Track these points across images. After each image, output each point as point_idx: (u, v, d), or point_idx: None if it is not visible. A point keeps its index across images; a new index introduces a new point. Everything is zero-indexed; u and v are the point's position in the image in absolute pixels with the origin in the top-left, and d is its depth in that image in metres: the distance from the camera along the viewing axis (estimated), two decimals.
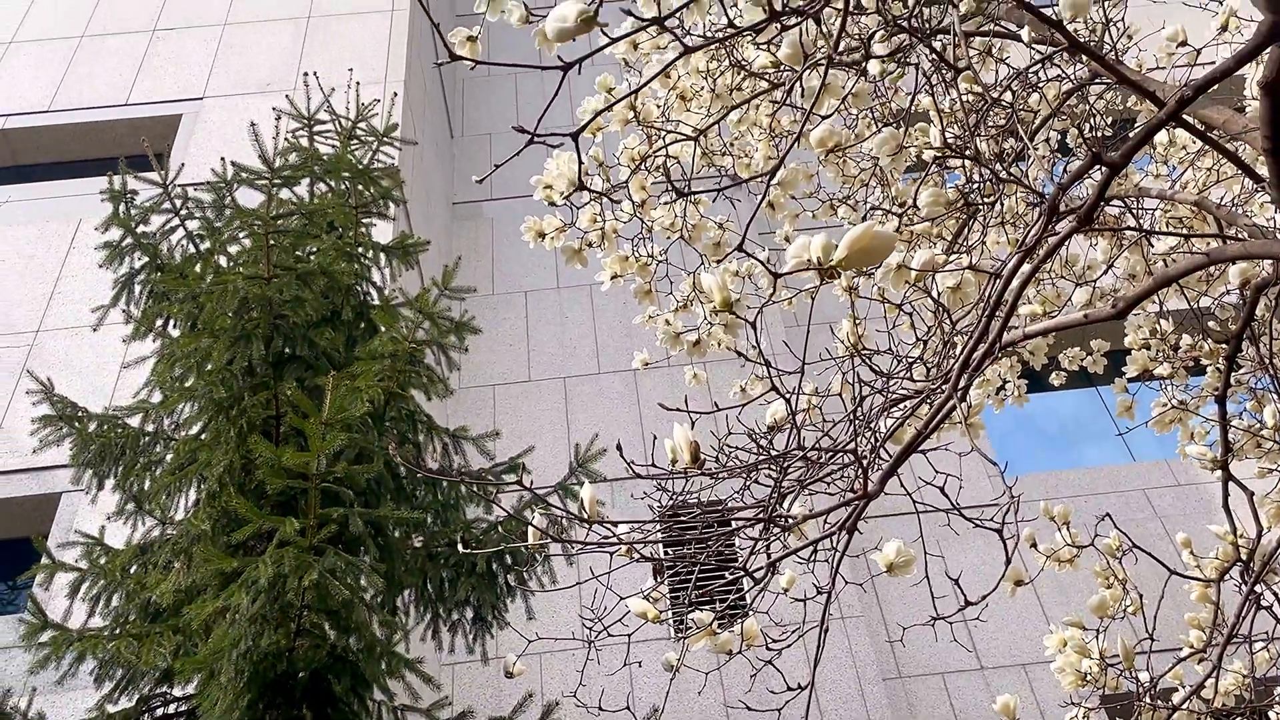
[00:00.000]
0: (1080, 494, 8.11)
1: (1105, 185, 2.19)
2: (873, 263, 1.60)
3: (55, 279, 7.22)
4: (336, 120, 5.50)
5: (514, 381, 8.94)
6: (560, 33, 1.34)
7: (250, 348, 3.86)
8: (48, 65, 9.21)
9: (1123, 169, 2.21)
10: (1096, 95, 4.95)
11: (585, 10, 1.30)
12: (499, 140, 11.04)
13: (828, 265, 1.79)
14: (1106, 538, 3.78)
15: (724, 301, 1.70)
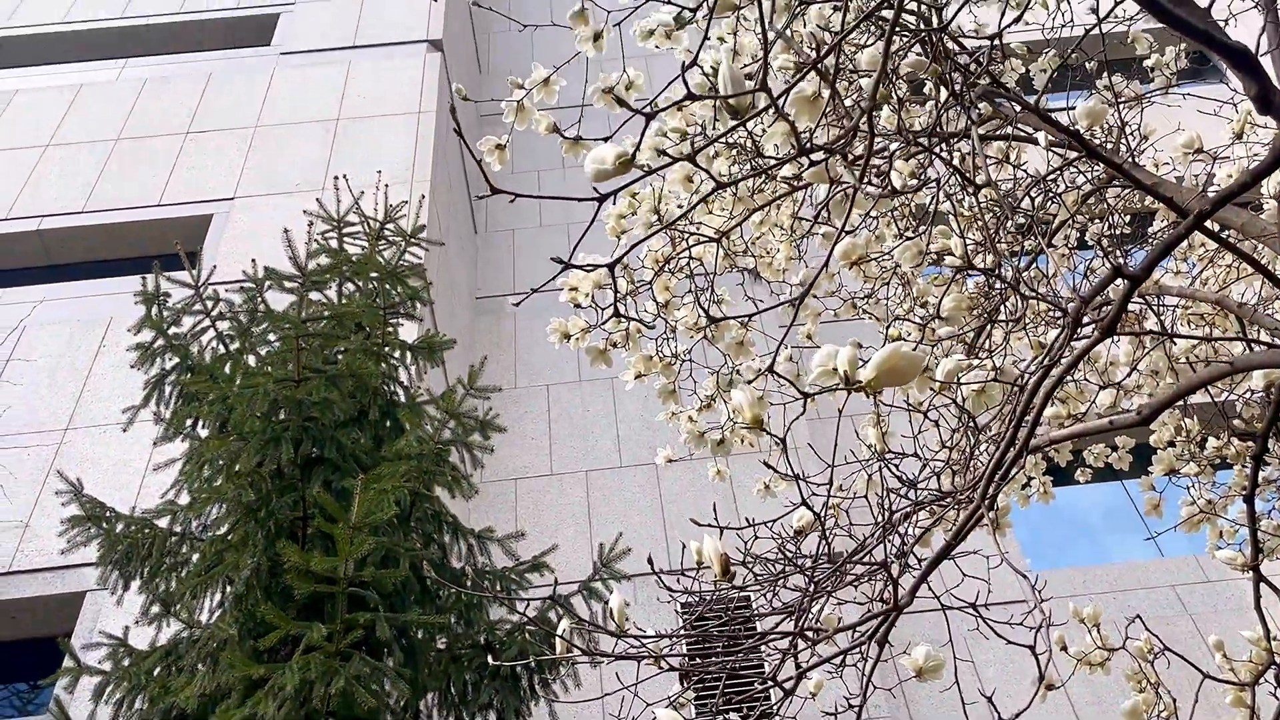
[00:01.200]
0: (1108, 590, 8.00)
1: (1127, 297, 2.21)
2: (901, 383, 1.63)
3: (85, 378, 7.32)
4: (365, 221, 5.61)
5: (536, 475, 8.95)
6: (599, 174, 1.39)
7: (280, 450, 3.90)
8: (83, 168, 9.44)
9: (1144, 281, 2.24)
10: (1115, 195, 5.00)
11: (623, 153, 1.35)
12: (521, 235, 11.19)
13: (855, 383, 1.82)
14: (1138, 639, 3.74)
15: (754, 419, 1.72)
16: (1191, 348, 4.73)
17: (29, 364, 7.39)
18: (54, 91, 10.52)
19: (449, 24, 11.17)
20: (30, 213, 9.03)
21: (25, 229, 8.92)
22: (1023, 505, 5.13)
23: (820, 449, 6.32)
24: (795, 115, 2.43)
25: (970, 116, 2.20)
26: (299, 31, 11.30)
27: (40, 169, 9.48)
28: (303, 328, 4.18)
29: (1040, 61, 4.93)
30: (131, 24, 11.78)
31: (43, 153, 9.65)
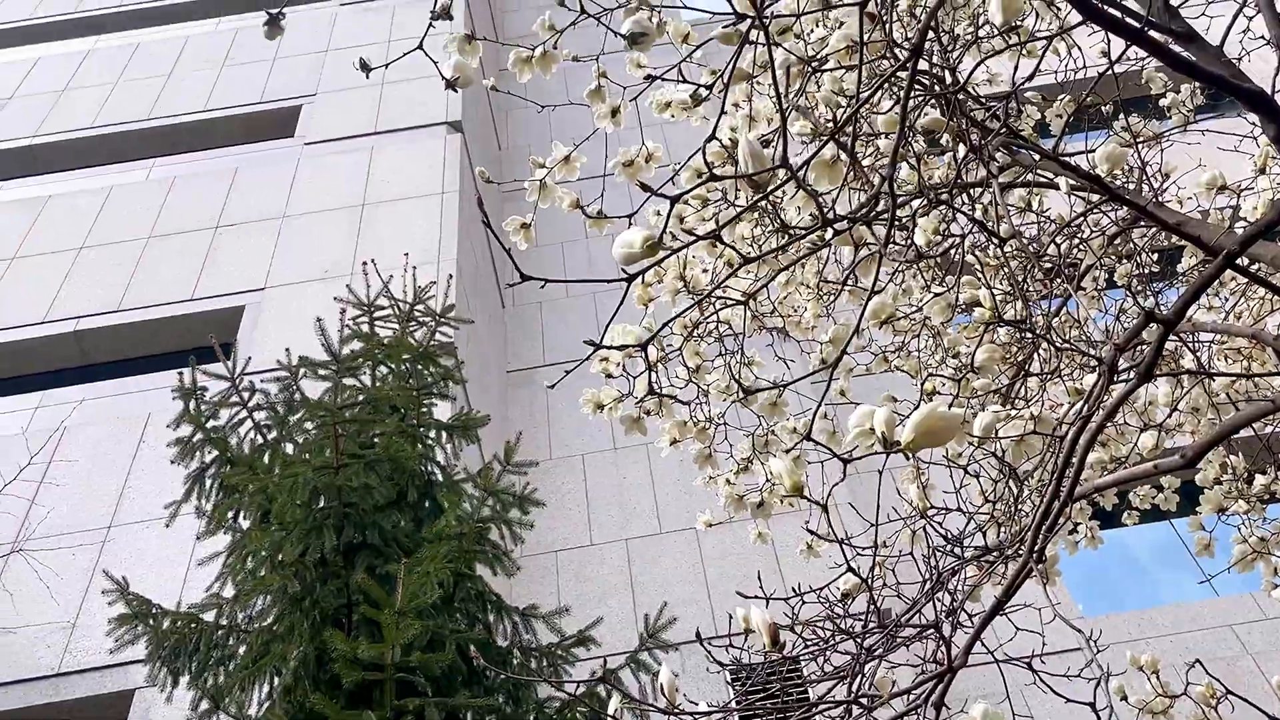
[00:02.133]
0: (1165, 633, 7.85)
1: (1161, 341, 2.20)
2: (940, 444, 1.62)
3: (126, 475, 7.39)
4: (395, 304, 5.67)
5: (576, 546, 8.91)
6: (628, 258, 1.41)
7: (322, 538, 3.92)
8: (116, 267, 9.61)
9: (1177, 325, 2.23)
10: (1141, 235, 4.99)
11: (650, 236, 1.37)
12: (549, 306, 11.26)
13: (893, 445, 1.81)
14: (1199, 685, 3.66)
15: (794, 486, 1.72)
16: (1230, 383, 4.68)
17: (71, 464, 7.47)
18: (86, 195, 10.76)
19: (467, 105, 11.36)
20: (66, 314, 9.19)
21: (62, 330, 9.07)
22: (1071, 553, 5.06)
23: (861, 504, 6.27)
24: (815, 180, 2.45)
25: (989, 169, 2.21)
26: (321, 121, 11.52)
27: (75, 271, 9.67)
28: (339, 414, 4.21)
29: (1056, 107, 4.95)
30: (158, 125, 12.06)
31: (77, 255, 9.84)
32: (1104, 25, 1.62)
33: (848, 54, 2.35)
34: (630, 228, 1.46)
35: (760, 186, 1.55)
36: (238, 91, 12.36)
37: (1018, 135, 3.16)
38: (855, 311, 5.00)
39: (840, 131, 1.73)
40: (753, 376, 4.80)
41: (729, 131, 4.05)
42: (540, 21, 3.51)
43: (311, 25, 13.33)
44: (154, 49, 13.57)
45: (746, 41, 1.93)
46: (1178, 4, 3.92)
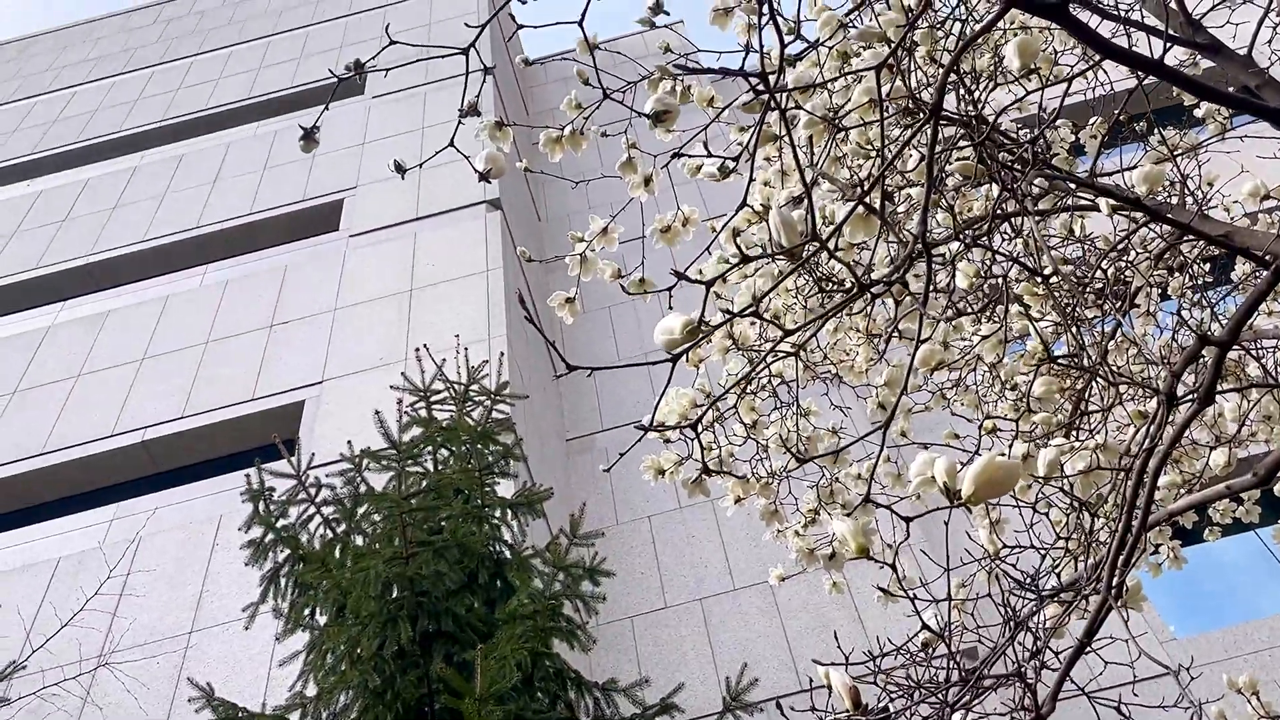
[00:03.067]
0: (1261, 648, 7.61)
1: (1219, 363, 2.18)
2: (1001, 493, 1.61)
3: (203, 579, 7.49)
4: (450, 387, 5.74)
5: (651, 610, 8.86)
6: (670, 344, 1.43)
7: (398, 630, 3.94)
8: (178, 374, 9.83)
9: (1231, 345, 2.20)
10: (1190, 246, 4.92)
11: (690, 321, 1.39)
12: (602, 372, 11.31)
13: (955, 498, 1.80)
14: None
15: (860, 548, 1.71)
16: None
17: (149, 574, 7.59)
18: (144, 306, 11.04)
19: (505, 181, 11.54)
20: (134, 425, 9.39)
21: (131, 441, 9.26)
22: (1155, 575, 4.95)
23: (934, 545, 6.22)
24: (851, 232, 2.46)
25: (1024, 205, 2.21)
26: (363, 211, 11.76)
27: (139, 381, 9.89)
28: (405, 503, 4.26)
29: (1089, 129, 4.93)
30: (207, 231, 12.36)
31: (139, 366, 10.08)
32: (1123, 61, 1.63)
33: (870, 108, 2.37)
34: (669, 312, 1.48)
35: (795, 256, 1.57)
36: (281, 191, 12.66)
37: (1051, 166, 3.16)
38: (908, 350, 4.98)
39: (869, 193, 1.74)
40: (810, 426, 4.78)
41: (762, 188, 4.09)
42: (566, 101, 3.58)
43: (347, 121, 13.65)
44: (197, 159, 13.97)
45: (769, 109, 1.96)
46: (1200, 15, 3.91)
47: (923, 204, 1.71)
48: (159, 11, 20.46)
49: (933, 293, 2.76)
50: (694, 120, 3.59)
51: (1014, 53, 1.82)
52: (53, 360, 10.51)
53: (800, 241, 1.54)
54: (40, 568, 7.95)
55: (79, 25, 20.95)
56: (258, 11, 19.01)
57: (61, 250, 12.66)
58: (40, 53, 19.73)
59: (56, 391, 10.03)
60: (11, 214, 13.71)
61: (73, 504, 9.07)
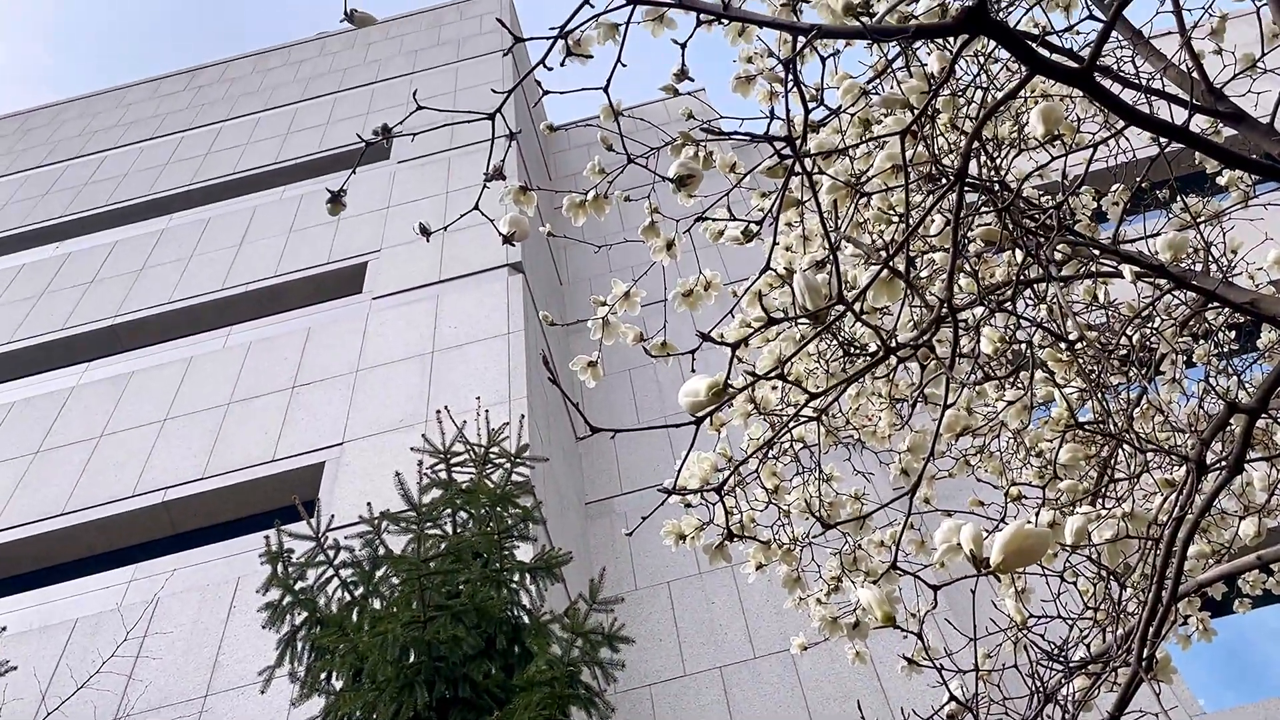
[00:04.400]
0: None
1: (1249, 431, 2.15)
2: (1031, 562, 1.59)
3: (219, 642, 7.45)
4: (470, 449, 5.73)
5: (669, 678, 8.74)
6: (694, 406, 1.42)
7: (415, 695, 3.90)
8: (199, 435, 9.86)
9: (1261, 413, 2.18)
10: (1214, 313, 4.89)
11: (715, 384, 1.38)
12: (622, 437, 11.28)
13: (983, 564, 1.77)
14: None
15: (886, 617, 1.68)
16: None
17: (166, 636, 7.55)
18: (167, 367, 11.11)
19: (527, 245, 11.63)
20: (154, 485, 9.41)
21: (152, 502, 9.27)
22: (1184, 648, 4.85)
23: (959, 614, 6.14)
24: (875, 297, 2.46)
25: (1048, 271, 2.21)
26: (387, 274, 11.85)
27: (160, 442, 9.92)
28: (423, 567, 4.23)
29: (1111, 196, 4.93)
30: (231, 294, 12.48)
31: (161, 427, 10.12)
32: (1146, 127, 1.63)
33: (893, 174, 2.38)
34: (693, 374, 1.47)
35: (819, 319, 1.56)
36: (306, 254, 12.78)
37: (1074, 232, 3.16)
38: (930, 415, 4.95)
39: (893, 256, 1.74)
40: (832, 492, 4.74)
41: (784, 253, 4.10)
42: (590, 166, 3.61)
43: (372, 185, 13.81)
44: (224, 222, 14.14)
45: (791, 174, 1.97)
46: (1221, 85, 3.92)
47: (947, 269, 1.71)
48: (190, 78, 20.85)
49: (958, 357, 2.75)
50: (716, 186, 3.61)
51: (1038, 119, 1.82)
52: (76, 421, 10.56)
53: (825, 304, 1.53)
54: (57, 629, 7.92)
55: (111, 91, 21.37)
56: (286, 79, 19.35)
57: (87, 312, 12.79)
58: (71, 118, 20.10)
59: (78, 452, 10.07)
60: (40, 276, 13.88)
61: (91, 565, 9.06)
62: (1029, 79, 1.56)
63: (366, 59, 19.30)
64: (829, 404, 4.66)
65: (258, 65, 20.54)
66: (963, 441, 5.55)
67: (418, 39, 19.42)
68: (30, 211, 16.27)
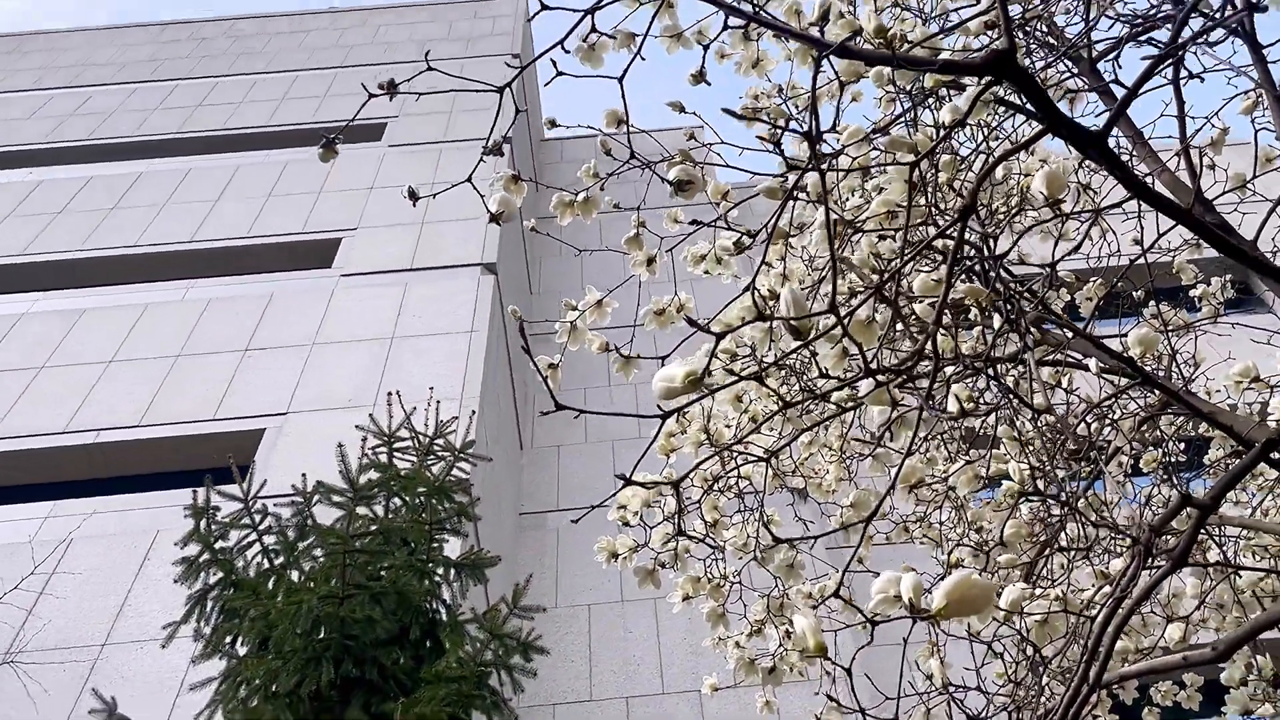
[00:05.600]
0: None
1: (1197, 527, 2.15)
2: (972, 613, 1.57)
3: (127, 592, 7.28)
4: (415, 437, 5.66)
5: (575, 700, 8.66)
6: (668, 392, 1.40)
7: (320, 670, 3.81)
8: (142, 383, 9.68)
9: (1213, 511, 2.18)
10: (1169, 422, 4.95)
11: (693, 372, 1.36)
12: (567, 451, 11.23)
13: (920, 613, 1.75)
14: None
15: (818, 646, 1.66)
16: (1258, 580, 4.57)
17: (74, 577, 7.37)
18: (121, 310, 10.92)
19: (503, 249, 11.58)
20: (88, 426, 9.22)
21: (82, 442, 9.09)
22: None
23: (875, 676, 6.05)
24: (824, 355, 2.45)
25: (1026, 342, 2.21)
26: (359, 254, 11.75)
27: (101, 384, 9.74)
28: (350, 543, 4.15)
29: (1086, 290, 4.98)
30: (200, 248, 12.32)
31: (105, 368, 9.93)
32: (1151, 202, 1.63)
33: (887, 219, 2.38)
34: (665, 365, 1.45)
35: (802, 334, 1.55)
36: (281, 220, 12.66)
37: (1051, 310, 3.17)
38: (877, 478, 4.95)
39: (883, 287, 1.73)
40: (770, 536, 4.72)
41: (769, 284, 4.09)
42: (585, 169, 3.60)
43: (358, 163, 13.72)
44: (204, 175, 13.98)
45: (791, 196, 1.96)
46: (1212, 199, 3.98)
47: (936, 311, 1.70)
48: (193, 29, 20.66)
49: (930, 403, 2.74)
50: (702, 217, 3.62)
51: (1042, 182, 1.82)
52: (18, 349, 10.35)
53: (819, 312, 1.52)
54: None
55: (112, 28, 21.13)
56: (290, 46, 19.23)
57: (50, 241, 12.57)
58: (69, 48, 19.84)
59: (16, 380, 9.86)
60: (6, 198, 13.63)
61: (10, 495, 8.84)
62: (1043, 133, 1.56)
63: (375, 39, 19.23)
64: (781, 447, 4.66)
65: (263, 27, 20.41)
66: (905, 508, 5.56)
67: (429, 29, 19.38)
68: (9, 133, 16.01)
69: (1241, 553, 4.92)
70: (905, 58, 1.43)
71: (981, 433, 4.66)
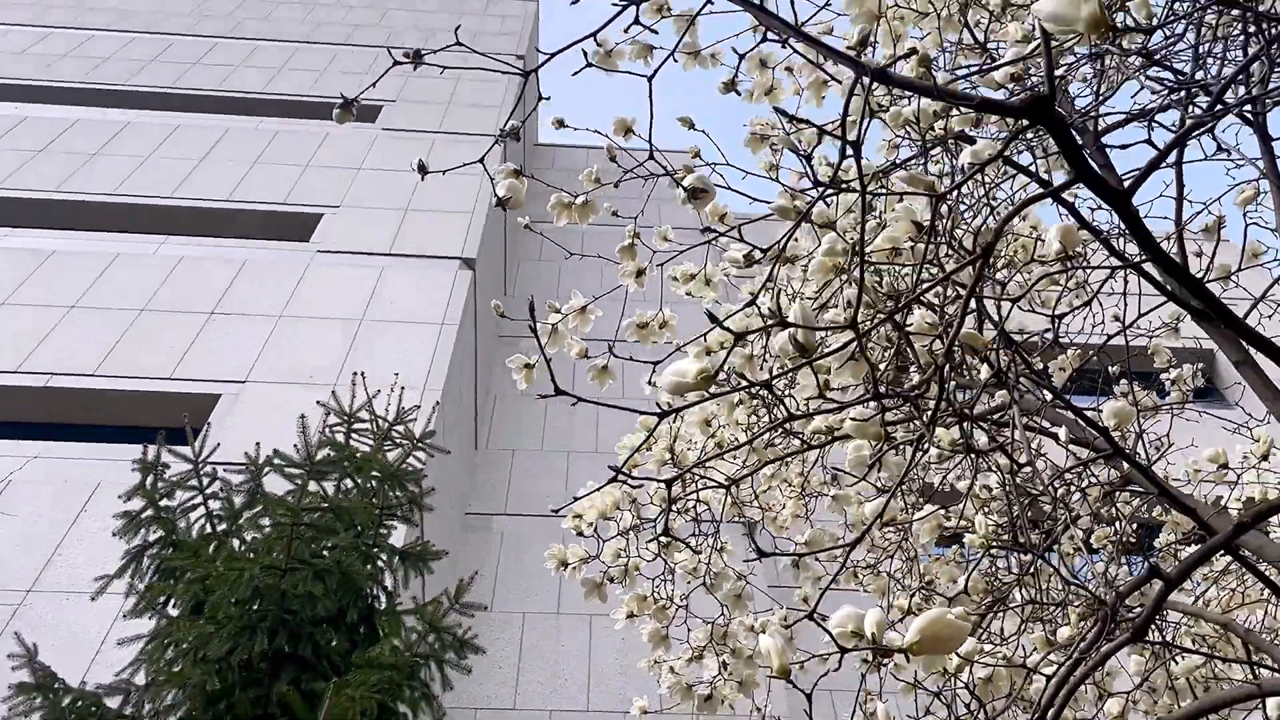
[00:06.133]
0: None
1: (1160, 601, 2.15)
2: (944, 652, 1.55)
3: (60, 540, 7.13)
4: (375, 420, 5.60)
5: (499, 707, 8.58)
6: (677, 386, 1.37)
7: (254, 640, 3.73)
8: (104, 332, 9.53)
9: (1178, 585, 2.19)
10: (1124, 502, 4.98)
11: (706, 370, 1.33)
12: (521, 457, 11.17)
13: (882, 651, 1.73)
14: None
15: (782, 669, 1.63)
16: (1194, 667, 4.60)
17: (7, 519, 7.22)
18: (90, 257, 10.76)
19: (483, 246, 11.53)
20: (40, 368, 9.05)
21: (32, 384, 8.91)
22: None
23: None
24: (836, 372, 2.44)
25: (1014, 397, 2.21)
26: (339, 232, 11.66)
27: (61, 328, 9.57)
28: (299, 516, 4.08)
29: (1061, 360, 5.01)
30: (177, 205, 12.17)
31: (66, 313, 9.77)
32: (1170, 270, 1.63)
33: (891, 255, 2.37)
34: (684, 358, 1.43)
35: (808, 350, 1.53)
36: (263, 189, 12.54)
37: (1035, 374, 3.18)
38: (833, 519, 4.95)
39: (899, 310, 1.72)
40: (722, 563, 4.70)
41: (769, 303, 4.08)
42: (586, 173, 3.58)
43: (348, 142, 13.64)
44: (192, 133, 13.83)
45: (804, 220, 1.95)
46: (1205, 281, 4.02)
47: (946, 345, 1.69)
48: None
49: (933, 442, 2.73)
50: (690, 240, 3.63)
51: (1056, 236, 1.82)
52: None
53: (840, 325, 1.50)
54: None
55: None
56: (295, 15, 19.12)
57: (27, 178, 12.38)
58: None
59: None
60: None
61: None
62: (1071, 183, 1.56)
63: (381, 23, 19.17)
64: (743, 476, 4.64)
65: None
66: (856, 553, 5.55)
67: (436, 19, 19.34)
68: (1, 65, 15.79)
69: (1180, 639, 4.95)
70: (945, 90, 1.42)
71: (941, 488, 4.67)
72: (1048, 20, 1.12)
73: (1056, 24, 1.12)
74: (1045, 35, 1.46)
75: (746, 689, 4.46)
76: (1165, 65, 3.06)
